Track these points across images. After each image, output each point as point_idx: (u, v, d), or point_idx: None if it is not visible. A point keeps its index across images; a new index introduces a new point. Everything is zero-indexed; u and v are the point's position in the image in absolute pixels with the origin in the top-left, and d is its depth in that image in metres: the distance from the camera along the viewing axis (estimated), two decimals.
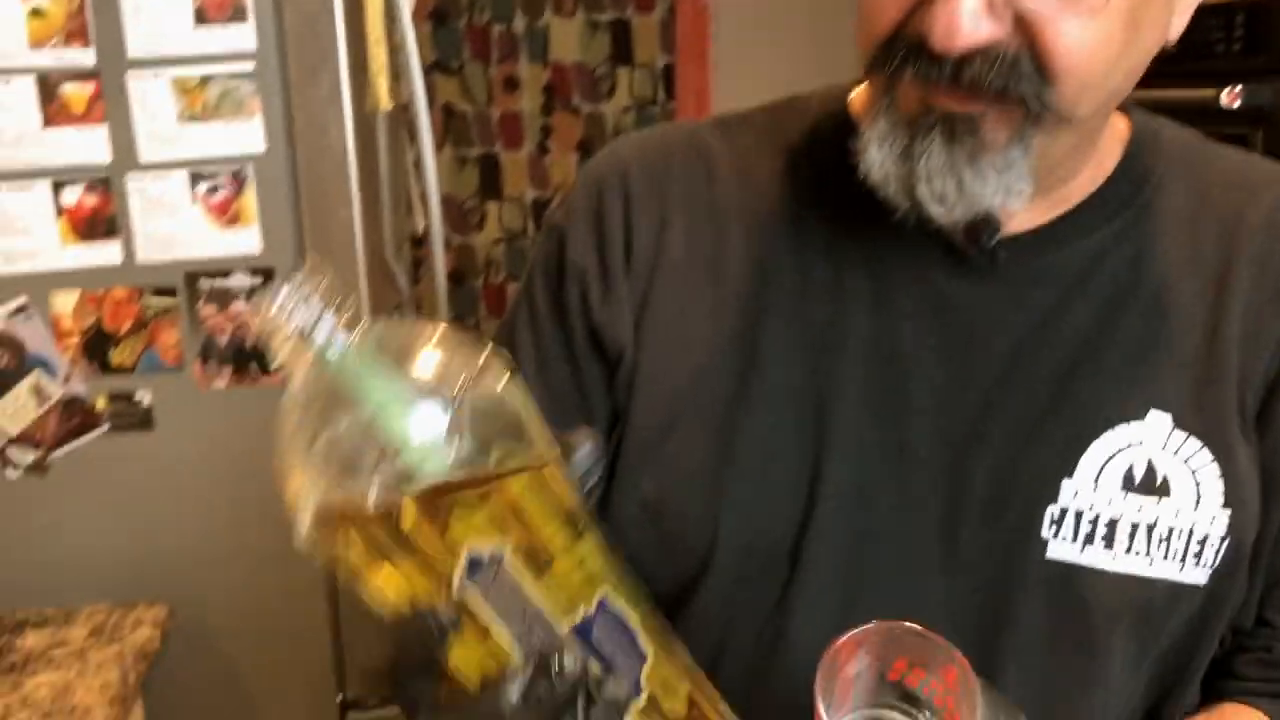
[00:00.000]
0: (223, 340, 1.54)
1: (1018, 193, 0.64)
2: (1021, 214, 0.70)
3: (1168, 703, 0.73)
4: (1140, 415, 0.68)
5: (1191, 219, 0.72)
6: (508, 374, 0.45)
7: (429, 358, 0.43)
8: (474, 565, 0.43)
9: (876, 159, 0.64)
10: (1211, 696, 0.73)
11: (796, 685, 0.68)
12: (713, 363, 0.72)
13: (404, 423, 0.42)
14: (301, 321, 0.42)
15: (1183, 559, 0.67)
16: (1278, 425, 0.69)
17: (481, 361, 0.44)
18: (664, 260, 0.74)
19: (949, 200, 0.63)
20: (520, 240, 3.14)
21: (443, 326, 0.45)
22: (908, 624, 0.55)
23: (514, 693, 0.43)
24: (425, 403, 0.42)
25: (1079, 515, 0.67)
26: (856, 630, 0.56)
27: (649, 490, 0.72)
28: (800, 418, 0.70)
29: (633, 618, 0.49)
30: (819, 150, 0.74)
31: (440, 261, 2.15)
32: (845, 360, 0.70)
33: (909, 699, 0.55)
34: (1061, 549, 0.67)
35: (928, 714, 0.54)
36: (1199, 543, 0.67)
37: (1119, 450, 0.68)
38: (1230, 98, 1.58)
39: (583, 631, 0.45)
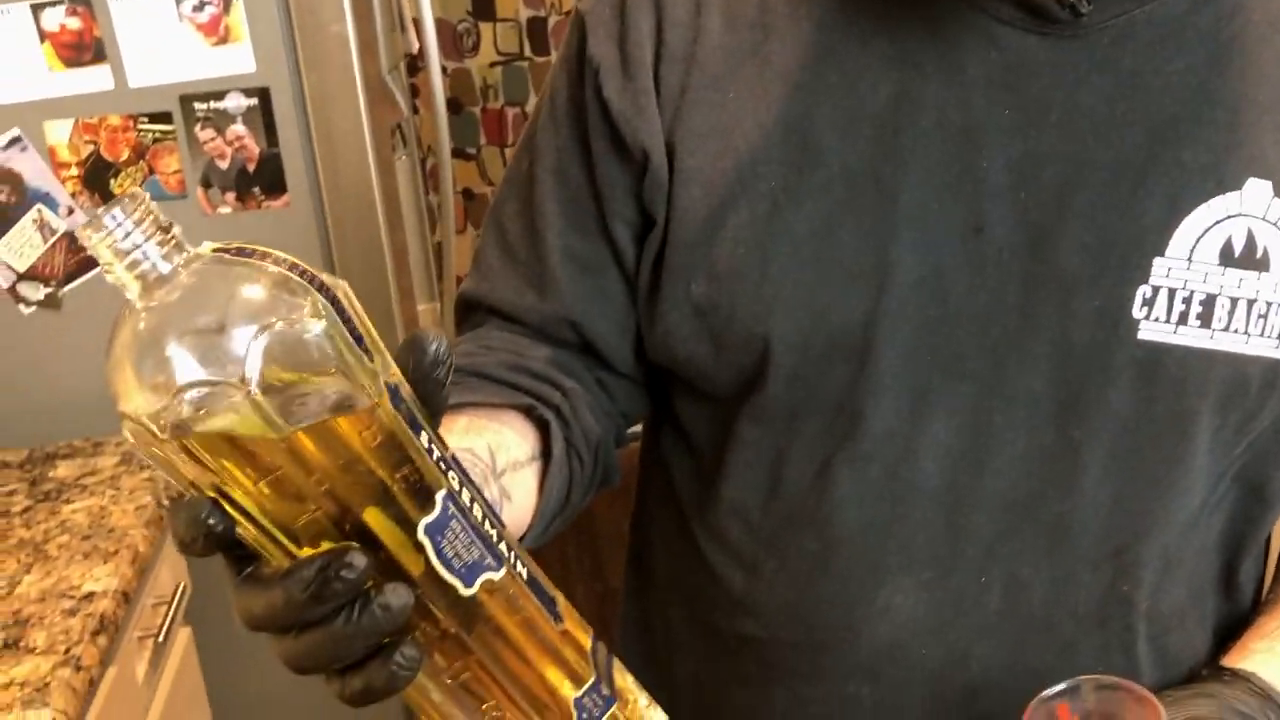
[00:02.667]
0: (224, 165, 1.51)
1: None
2: None
3: (1264, 488, 0.71)
4: (1238, 184, 0.63)
5: None
6: (322, 317, 0.43)
7: (241, 291, 0.42)
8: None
9: None
10: None
11: (872, 476, 0.68)
12: (760, 153, 0.67)
13: (202, 355, 0.41)
14: (125, 244, 0.42)
15: None
16: None
17: (300, 298, 0.43)
18: (702, 46, 0.68)
19: None
20: (517, 63, 3.05)
21: (272, 258, 0.43)
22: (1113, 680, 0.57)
23: (299, 583, 0.42)
24: (227, 337, 0.41)
25: (1172, 293, 0.63)
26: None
27: (698, 293, 0.68)
28: (862, 203, 0.65)
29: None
30: None
31: (439, 83, 2.09)
32: (911, 138, 0.65)
33: None
34: (1154, 330, 0.64)
35: None
36: None
37: (1216, 222, 0.63)
38: None
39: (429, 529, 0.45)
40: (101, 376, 0.44)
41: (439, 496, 0.45)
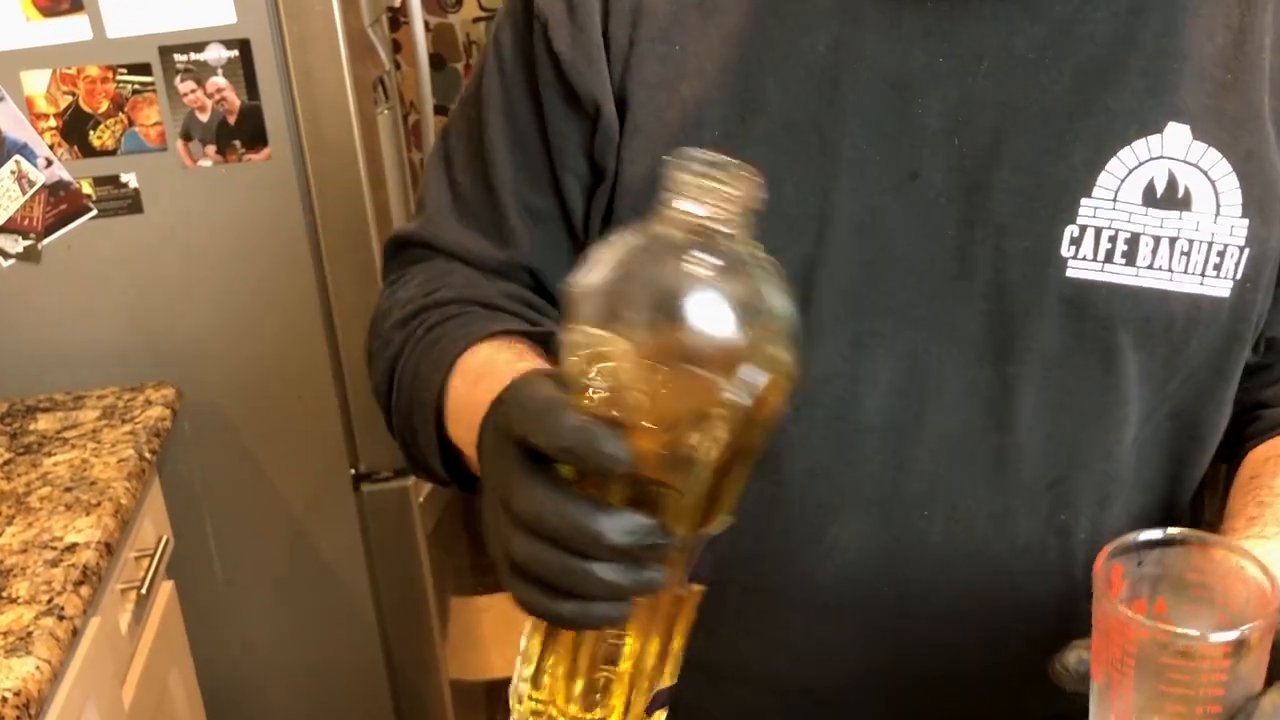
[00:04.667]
0: (204, 117, 1.50)
1: None
2: None
3: (1198, 428, 0.73)
4: (1159, 127, 0.66)
5: None
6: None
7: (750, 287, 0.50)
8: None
9: None
10: (1267, 432, 0.74)
11: (818, 418, 0.69)
12: (705, 103, 0.69)
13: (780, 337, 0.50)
14: (707, 212, 0.49)
15: (1202, 272, 0.67)
16: None
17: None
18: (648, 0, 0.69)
19: None
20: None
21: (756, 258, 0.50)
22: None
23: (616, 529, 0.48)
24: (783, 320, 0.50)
25: (1099, 233, 0.66)
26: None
27: None
28: (804, 153, 0.67)
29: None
30: None
31: (421, 38, 2.07)
32: (851, 88, 0.67)
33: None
34: (1081, 268, 0.67)
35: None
36: (1219, 254, 0.67)
37: (1139, 164, 0.66)
38: None
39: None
40: (82, 330, 0.45)
41: None
